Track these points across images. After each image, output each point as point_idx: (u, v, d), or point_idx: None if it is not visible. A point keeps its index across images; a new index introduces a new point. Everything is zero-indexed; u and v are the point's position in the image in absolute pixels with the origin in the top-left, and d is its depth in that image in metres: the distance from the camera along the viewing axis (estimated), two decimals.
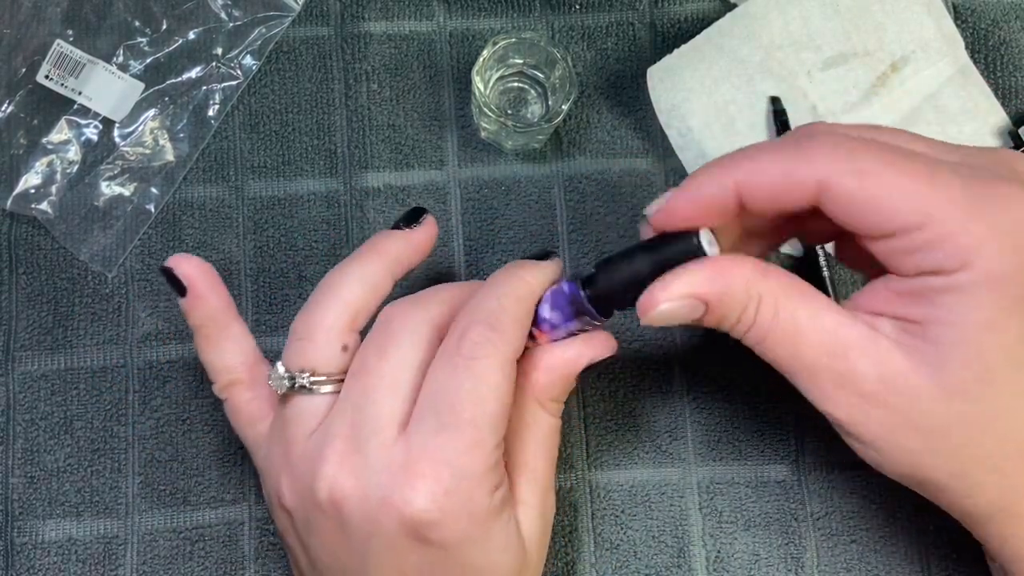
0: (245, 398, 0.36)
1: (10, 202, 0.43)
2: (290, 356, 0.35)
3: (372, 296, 0.35)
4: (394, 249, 0.36)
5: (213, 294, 0.36)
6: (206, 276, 0.36)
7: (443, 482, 0.31)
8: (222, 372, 0.37)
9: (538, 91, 0.45)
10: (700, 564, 0.42)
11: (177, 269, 0.36)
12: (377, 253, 0.36)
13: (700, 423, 0.43)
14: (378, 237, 0.37)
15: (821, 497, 0.42)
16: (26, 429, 0.42)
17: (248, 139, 0.45)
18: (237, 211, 0.44)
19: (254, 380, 0.37)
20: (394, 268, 0.36)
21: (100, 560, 0.41)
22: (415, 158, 0.45)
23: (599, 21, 0.47)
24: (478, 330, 0.32)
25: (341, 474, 0.32)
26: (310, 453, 0.33)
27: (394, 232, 0.37)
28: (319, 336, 0.34)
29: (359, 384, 0.33)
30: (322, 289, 0.35)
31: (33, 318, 0.43)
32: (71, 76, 0.44)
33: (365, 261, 0.35)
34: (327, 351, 0.34)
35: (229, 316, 0.37)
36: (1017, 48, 0.47)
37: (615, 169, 0.45)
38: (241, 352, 0.37)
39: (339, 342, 0.34)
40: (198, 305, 0.36)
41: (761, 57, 0.44)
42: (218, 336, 0.36)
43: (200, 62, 0.45)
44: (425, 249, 0.37)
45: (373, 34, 0.46)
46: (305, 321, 0.35)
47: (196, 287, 0.36)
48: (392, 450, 0.32)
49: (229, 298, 0.37)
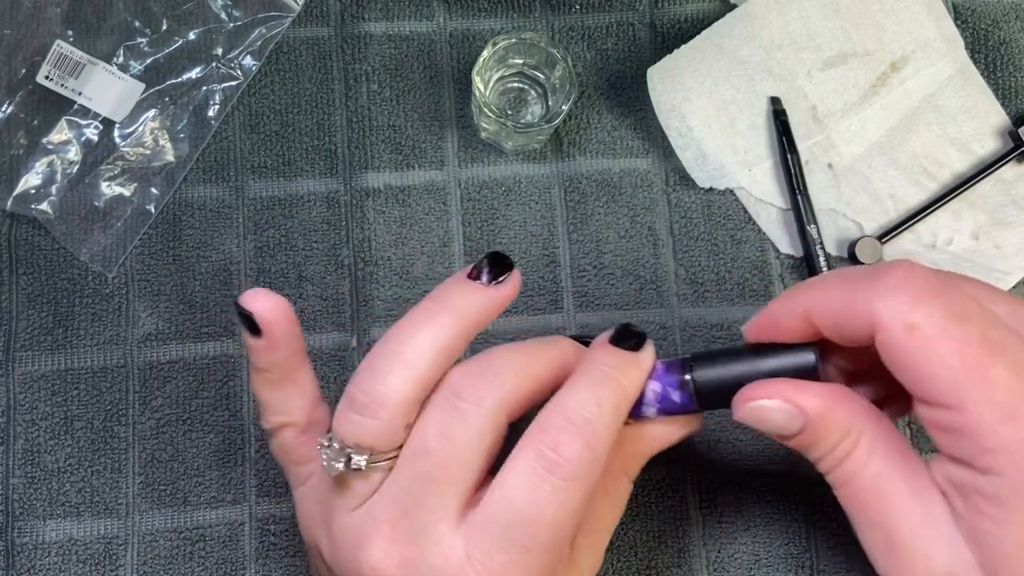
0: (297, 441, 0.33)
1: (10, 202, 0.43)
2: (346, 428, 0.30)
3: (445, 364, 0.31)
4: (472, 308, 0.31)
5: (290, 339, 0.32)
6: (284, 322, 0.31)
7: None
8: (278, 414, 0.33)
9: (538, 91, 0.45)
10: (700, 564, 0.42)
11: (253, 309, 0.31)
12: (453, 313, 0.31)
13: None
14: (455, 289, 0.31)
15: (821, 497, 0.42)
16: (26, 429, 0.42)
17: (248, 139, 0.45)
18: (237, 211, 0.44)
19: (310, 424, 0.33)
20: (470, 331, 0.31)
21: (100, 560, 0.41)
22: (415, 158, 0.45)
23: (599, 21, 0.47)
24: (575, 448, 0.28)
25: (390, 563, 0.29)
26: (353, 530, 0.30)
27: (473, 286, 0.31)
28: (383, 414, 0.30)
29: (417, 469, 0.29)
30: (388, 351, 0.30)
31: (33, 318, 0.43)
32: (71, 77, 0.44)
33: (439, 322, 0.30)
34: (390, 430, 0.30)
35: (299, 361, 0.33)
36: (1017, 48, 0.47)
37: (615, 169, 0.45)
38: (303, 398, 0.33)
39: (404, 420, 0.30)
40: (270, 350, 0.32)
41: (761, 57, 0.44)
42: (283, 381, 0.33)
43: (200, 62, 0.45)
44: (504, 307, 0.32)
45: (373, 34, 0.46)
46: (368, 392, 0.30)
47: (273, 333, 0.31)
48: (448, 550, 0.29)
49: (303, 341, 0.33)
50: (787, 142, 0.44)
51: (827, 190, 0.45)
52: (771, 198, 0.45)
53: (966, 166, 0.45)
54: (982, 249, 0.44)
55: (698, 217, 0.45)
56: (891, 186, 0.45)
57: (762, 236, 0.45)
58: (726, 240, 0.45)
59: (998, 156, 0.45)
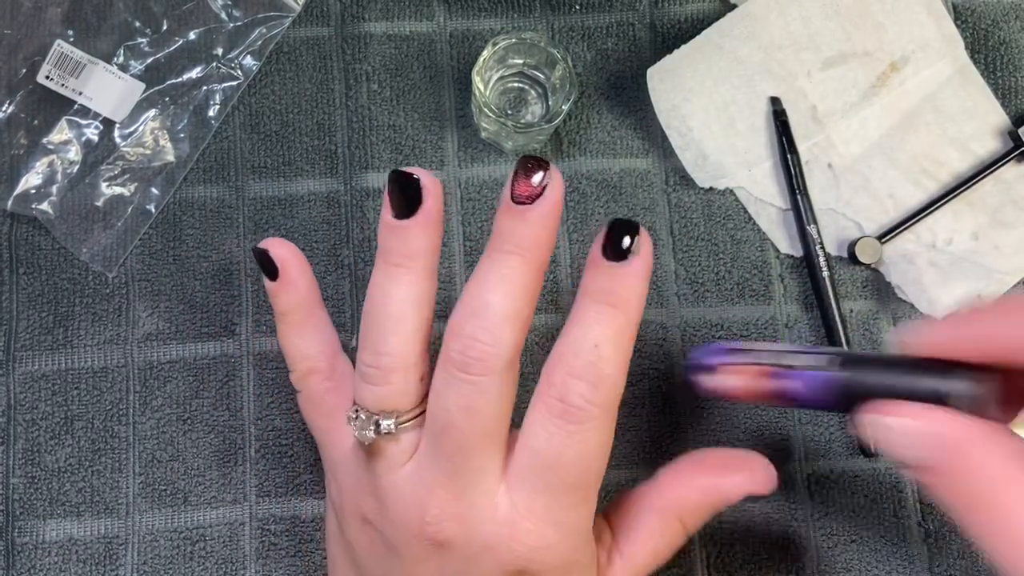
0: (323, 388, 0.36)
1: (10, 202, 0.43)
2: (368, 398, 0.32)
3: (429, 309, 0.33)
4: (422, 246, 0.32)
5: (303, 279, 0.35)
6: (298, 261, 0.35)
7: (547, 538, 0.31)
8: (302, 359, 0.36)
9: (538, 91, 0.45)
10: (700, 564, 0.42)
11: (271, 251, 0.35)
12: (410, 262, 0.32)
13: (700, 423, 0.43)
14: (397, 241, 0.32)
15: (821, 497, 0.42)
16: (27, 429, 0.42)
17: (248, 139, 0.45)
18: (237, 211, 0.44)
19: (332, 370, 0.36)
20: (434, 265, 0.33)
21: (100, 560, 0.41)
22: (415, 158, 0.45)
23: (599, 21, 0.47)
24: (580, 393, 0.30)
25: (446, 519, 0.32)
26: (405, 492, 0.32)
27: (408, 226, 0.32)
28: (395, 378, 0.32)
29: (452, 441, 0.31)
30: (379, 322, 0.32)
31: (33, 318, 0.43)
32: (71, 76, 0.44)
33: (408, 278, 0.32)
34: (406, 389, 0.32)
35: (315, 302, 0.36)
36: (1017, 48, 0.47)
37: (615, 169, 0.45)
38: (323, 341, 0.36)
39: (416, 375, 0.32)
40: (288, 290, 0.35)
41: (761, 57, 0.44)
42: (303, 323, 0.36)
43: (200, 62, 0.45)
44: (441, 222, 0.33)
45: (373, 34, 0.46)
46: (375, 363, 0.32)
47: (289, 272, 0.35)
48: (496, 502, 0.32)
49: (316, 285, 0.36)
50: (787, 142, 0.44)
51: (827, 190, 0.45)
52: (771, 198, 0.45)
53: (966, 166, 0.45)
54: (982, 249, 0.44)
55: (698, 217, 0.45)
56: (891, 186, 0.45)
57: (762, 236, 0.45)
58: (726, 240, 0.45)
59: (998, 156, 0.45)
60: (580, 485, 0.31)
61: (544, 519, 0.31)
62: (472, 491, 0.32)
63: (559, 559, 0.32)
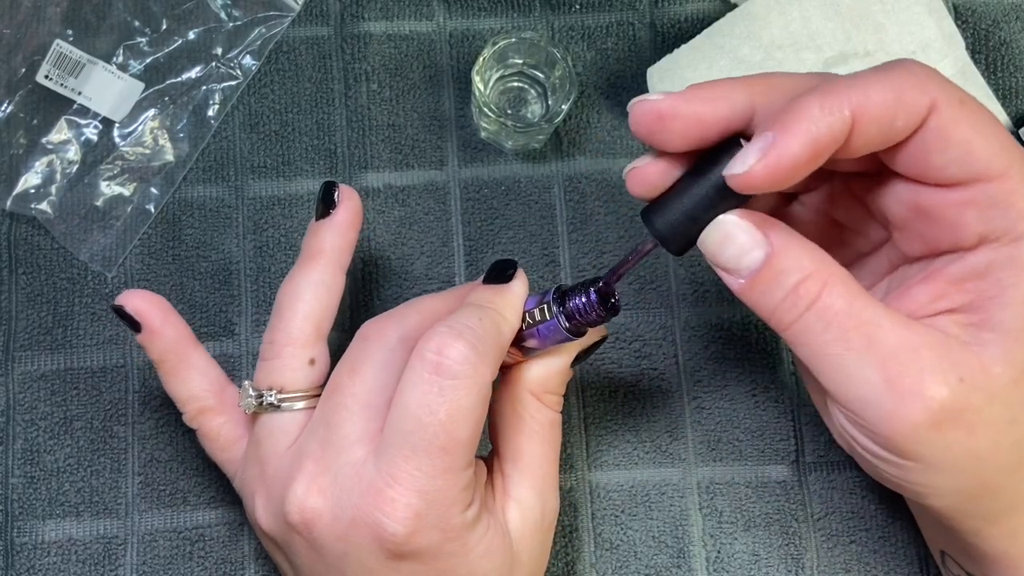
0: (216, 423, 0.37)
1: (10, 202, 0.43)
2: (259, 375, 0.35)
3: (329, 299, 0.35)
4: (329, 244, 0.36)
5: (168, 326, 0.36)
6: (158, 309, 0.36)
7: (414, 507, 0.30)
8: (189, 401, 0.37)
9: (538, 91, 0.45)
10: (700, 564, 0.42)
11: (128, 305, 0.36)
12: (318, 255, 0.36)
13: (700, 423, 0.43)
14: (311, 238, 0.36)
15: (821, 497, 0.42)
16: (26, 429, 0.42)
17: (248, 139, 0.45)
18: (237, 211, 0.44)
19: (224, 405, 0.37)
20: (339, 261, 0.36)
21: (100, 560, 0.41)
22: (415, 158, 0.45)
23: (599, 21, 0.47)
24: (458, 348, 0.30)
25: (311, 494, 0.32)
26: (282, 472, 0.33)
27: (321, 225, 0.36)
28: (284, 352, 0.34)
29: (331, 403, 0.33)
30: (279, 305, 0.35)
31: (33, 318, 0.43)
32: (71, 76, 0.44)
33: (311, 267, 0.35)
34: (294, 367, 0.34)
35: (188, 346, 0.37)
36: (1017, 48, 0.47)
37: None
38: (206, 379, 0.37)
39: (306, 356, 0.35)
40: (155, 339, 0.36)
41: (761, 57, 0.44)
42: (179, 367, 0.36)
43: (200, 62, 0.45)
44: (357, 223, 0.36)
45: (373, 34, 0.46)
46: (269, 340, 0.35)
47: (149, 322, 0.36)
48: (362, 470, 0.31)
49: (186, 327, 0.37)
50: None
51: None
52: None
53: None
54: None
55: None
56: None
57: None
58: None
59: None
60: (447, 450, 0.30)
61: (409, 485, 0.30)
62: (339, 460, 0.31)
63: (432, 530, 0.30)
